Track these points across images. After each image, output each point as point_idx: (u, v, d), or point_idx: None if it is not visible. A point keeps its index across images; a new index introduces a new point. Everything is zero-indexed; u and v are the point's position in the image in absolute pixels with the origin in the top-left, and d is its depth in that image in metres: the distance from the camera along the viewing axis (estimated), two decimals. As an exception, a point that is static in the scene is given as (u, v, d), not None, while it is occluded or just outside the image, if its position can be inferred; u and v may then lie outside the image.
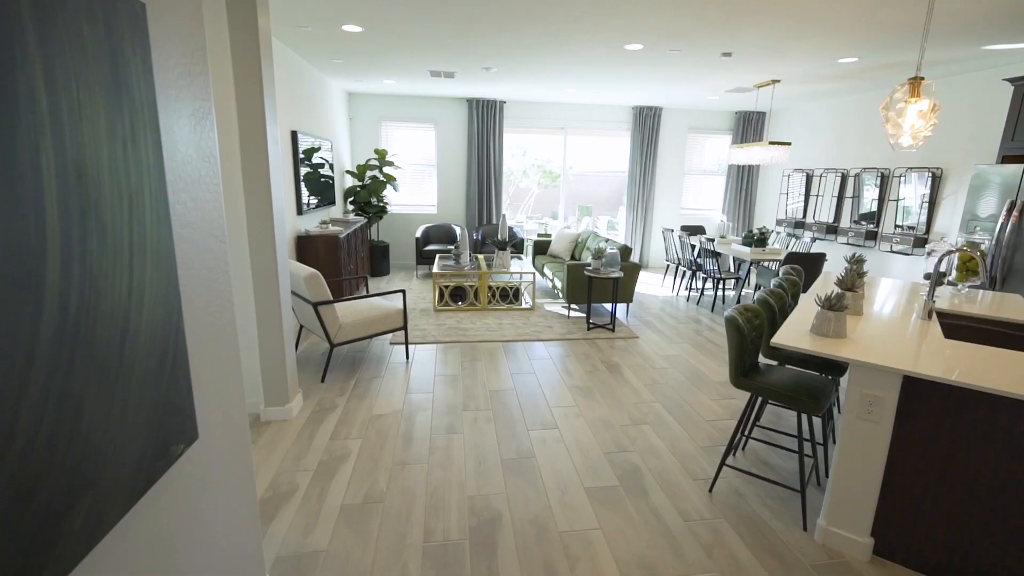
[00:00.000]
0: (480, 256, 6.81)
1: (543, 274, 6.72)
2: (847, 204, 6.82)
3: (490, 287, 6.01)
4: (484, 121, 7.83)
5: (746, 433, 2.99)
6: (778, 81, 5.83)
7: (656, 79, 5.95)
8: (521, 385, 3.91)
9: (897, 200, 6.07)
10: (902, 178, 6.01)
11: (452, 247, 7.34)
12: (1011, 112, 4.40)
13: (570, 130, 8.34)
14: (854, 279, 2.81)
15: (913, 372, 1.98)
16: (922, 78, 2.14)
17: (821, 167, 7.29)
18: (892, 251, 6.14)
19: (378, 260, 7.49)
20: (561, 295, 5.82)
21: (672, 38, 4.19)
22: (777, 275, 5.04)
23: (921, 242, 5.77)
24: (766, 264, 5.96)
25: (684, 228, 7.65)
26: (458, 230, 7.86)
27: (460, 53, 4.96)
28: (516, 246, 7.51)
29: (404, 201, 8.25)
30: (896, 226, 6.08)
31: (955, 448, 2.02)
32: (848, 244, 6.75)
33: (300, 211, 5.14)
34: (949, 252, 2.65)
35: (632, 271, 5.58)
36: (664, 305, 6.40)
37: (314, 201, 5.65)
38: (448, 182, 8.21)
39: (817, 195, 7.32)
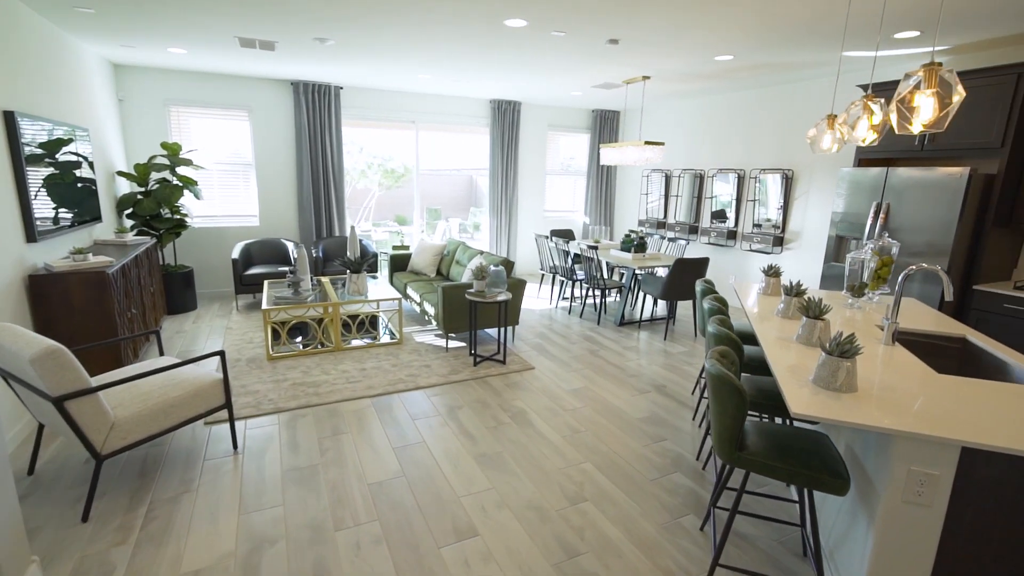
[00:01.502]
0: (324, 280, 5.53)
1: (407, 296, 5.70)
2: (706, 204, 7.04)
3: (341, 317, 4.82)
4: (316, 110, 6.48)
5: (714, 504, 2.45)
6: (648, 78, 5.64)
7: (527, 67, 5.33)
8: (412, 466, 2.92)
9: (754, 200, 6.35)
10: (756, 179, 6.29)
11: (287, 270, 5.89)
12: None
13: (422, 124, 7.37)
14: (820, 307, 2.42)
15: (976, 443, 1.55)
16: (939, 64, 1.74)
17: (679, 167, 7.45)
18: (751, 250, 6.42)
19: (178, 291, 5.70)
20: (435, 322, 4.89)
21: (562, 15, 3.54)
22: (699, 289, 4.68)
23: (779, 241, 6.07)
24: (651, 271, 5.75)
25: (554, 232, 7.24)
26: (291, 247, 6.40)
27: (282, 15, 3.72)
28: (371, 265, 6.34)
29: (212, 211, 6.48)
30: (754, 225, 6.35)
31: (1017, 530, 1.64)
32: (710, 244, 6.95)
33: (34, 236, 3.39)
34: (915, 269, 2.39)
35: (518, 288, 4.89)
36: (547, 321, 5.85)
37: (65, 217, 3.87)
38: (272, 186, 6.66)
39: (677, 195, 7.48)
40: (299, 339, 4.92)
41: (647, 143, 5.53)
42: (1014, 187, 3.94)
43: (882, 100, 2.45)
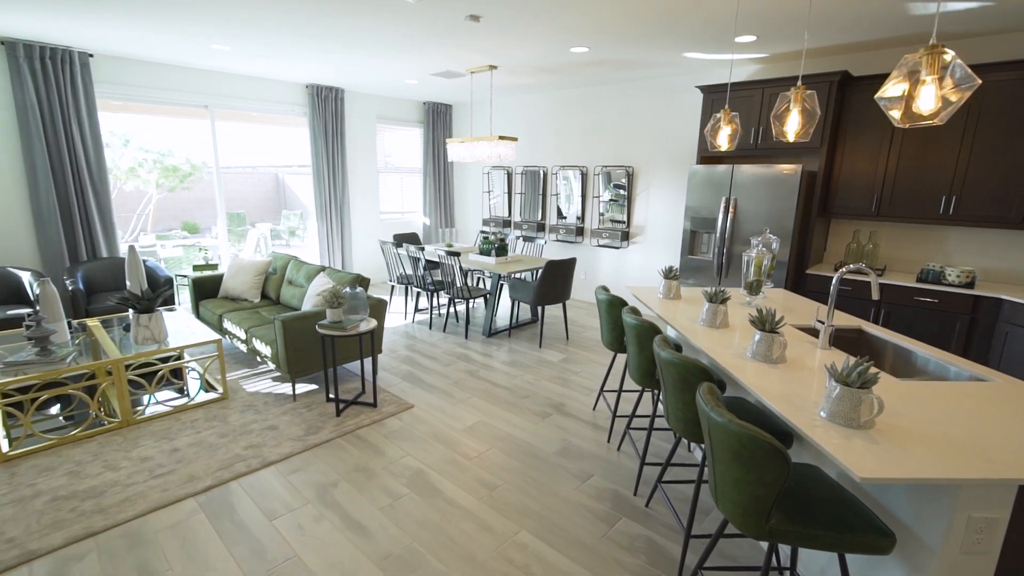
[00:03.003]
0: (92, 323, 3.84)
1: (224, 332, 4.30)
2: (551, 201, 6.84)
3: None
4: (52, 85, 4.51)
5: (700, 565, 2.01)
6: (495, 67, 5.09)
7: (361, 44, 4.34)
8: (286, 606, 1.92)
9: (598, 197, 6.31)
10: (599, 176, 6.25)
11: (24, 313, 3.97)
12: (703, 117, 4.79)
13: (219, 111, 5.76)
14: (775, 319, 2.13)
15: (1041, 478, 1.32)
16: (943, 46, 1.48)
17: (521, 164, 7.13)
18: (600, 246, 6.40)
19: None
20: (273, 364, 3.70)
21: (426, -29, 2.76)
22: (604, 299, 4.23)
23: (625, 236, 6.13)
24: (519, 275, 5.27)
25: (399, 237, 6.33)
26: (26, 279, 4.38)
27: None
28: (167, 297, 4.69)
29: None
30: (600, 218, 6.33)
31: (1059, 556, 1.48)
32: (559, 241, 6.79)
33: None
34: (846, 271, 2.24)
35: (379, 310, 3.96)
36: (408, 340, 4.99)
37: None
38: (-16, 191, 4.49)
39: (521, 193, 7.16)
40: (57, 409, 3.28)
41: (501, 138, 5.01)
42: (828, 182, 4.37)
43: (813, 91, 2.27)
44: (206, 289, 4.75)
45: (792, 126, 2.27)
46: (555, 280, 4.71)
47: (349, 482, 2.68)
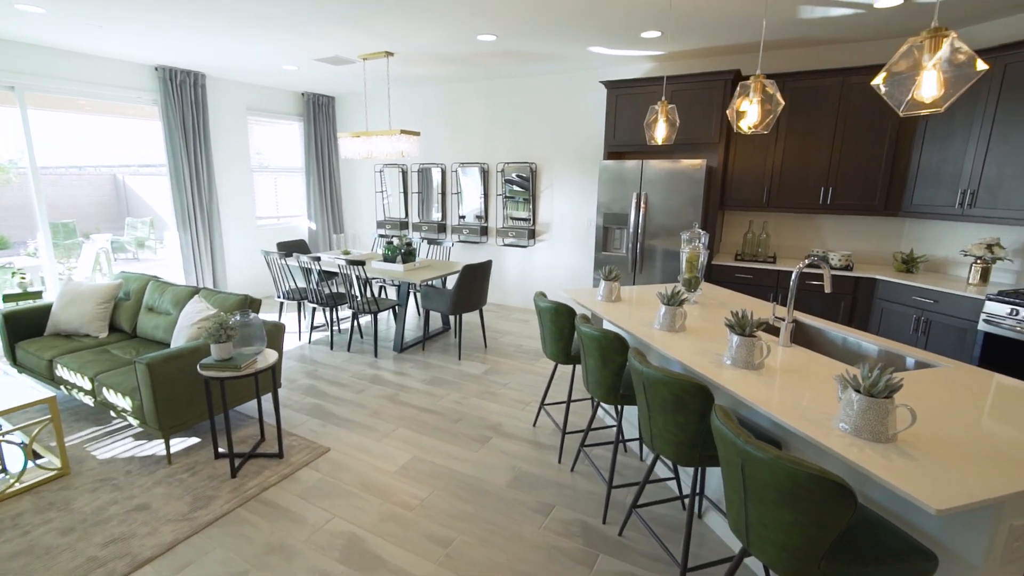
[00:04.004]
0: None
1: (57, 382, 3.23)
2: (452, 200, 6.37)
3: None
4: None
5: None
6: (391, 54, 4.50)
7: (235, 18, 3.50)
8: None
9: (501, 195, 5.98)
10: (501, 172, 5.93)
11: None
12: (608, 113, 4.67)
13: (32, 95, 4.40)
14: (752, 322, 1.95)
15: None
16: (946, 29, 1.33)
17: (416, 161, 6.54)
18: (506, 245, 6.09)
19: None
20: (136, 419, 2.81)
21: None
22: (547, 307, 3.79)
23: (532, 234, 5.88)
24: (431, 283, 4.73)
25: (284, 246, 5.43)
26: None
27: None
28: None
29: None
30: (504, 216, 6.01)
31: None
32: (463, 242, 6.35)
33: None
34: (805, 265, 2.14)
35: (277, 337, 3.23)
36: (308, 365, 4.24)
37: None
38: None
39: (419, 192, 6.58)
40: None
41: (403, 132, 4.45)
42: (725, 176, 4.49)
43: (773, 81, 2.12)
44: (26, 325, 3.57)
45: (751, 119, 2.12)
46: (472, 285, 4.29)
47: (263, 570, 2.04)
